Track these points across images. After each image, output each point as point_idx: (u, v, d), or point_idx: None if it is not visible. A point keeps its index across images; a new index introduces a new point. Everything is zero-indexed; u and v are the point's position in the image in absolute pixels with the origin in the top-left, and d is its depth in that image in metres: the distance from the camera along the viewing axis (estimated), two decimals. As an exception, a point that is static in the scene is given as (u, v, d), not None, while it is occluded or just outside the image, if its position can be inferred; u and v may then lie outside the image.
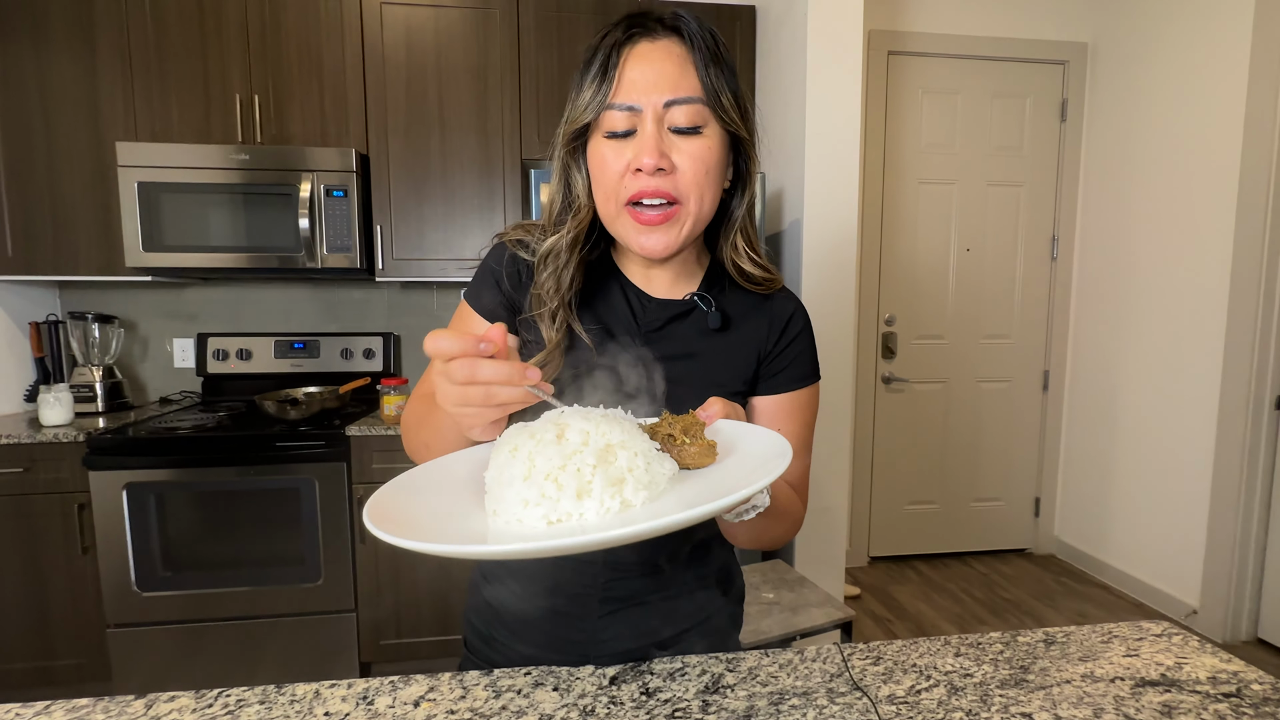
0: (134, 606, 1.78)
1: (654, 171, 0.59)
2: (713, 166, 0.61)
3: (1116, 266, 2.63)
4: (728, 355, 0.69)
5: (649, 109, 0.58)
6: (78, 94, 1.92)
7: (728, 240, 0.69)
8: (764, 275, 0.69)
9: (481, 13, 2.07)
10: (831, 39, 1.88)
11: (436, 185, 2.11)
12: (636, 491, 0.44)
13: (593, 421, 0.46)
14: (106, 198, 1.94)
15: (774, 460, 0.44)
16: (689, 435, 0.49)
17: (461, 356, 0.45)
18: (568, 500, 0.43)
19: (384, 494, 0.45)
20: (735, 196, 0.67)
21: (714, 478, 0.48)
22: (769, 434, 0.50)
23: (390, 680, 0.60)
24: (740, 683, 0.59)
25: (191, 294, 2.32)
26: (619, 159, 0.60)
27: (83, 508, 1.76)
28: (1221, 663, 0.62)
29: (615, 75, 0.59)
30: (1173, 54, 2.38)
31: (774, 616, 1.45)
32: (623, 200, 0.61)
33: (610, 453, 0.45)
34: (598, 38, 0.62)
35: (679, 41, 0.60)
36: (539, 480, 0.43)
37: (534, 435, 0.46)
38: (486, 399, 0.46)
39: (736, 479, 0.45)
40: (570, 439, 0.45)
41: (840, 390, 2.00)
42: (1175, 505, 2.39)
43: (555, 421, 0.47)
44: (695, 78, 0.59)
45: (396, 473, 0.50)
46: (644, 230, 0.61)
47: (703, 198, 0.61)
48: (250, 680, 1.83)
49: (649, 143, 0.58)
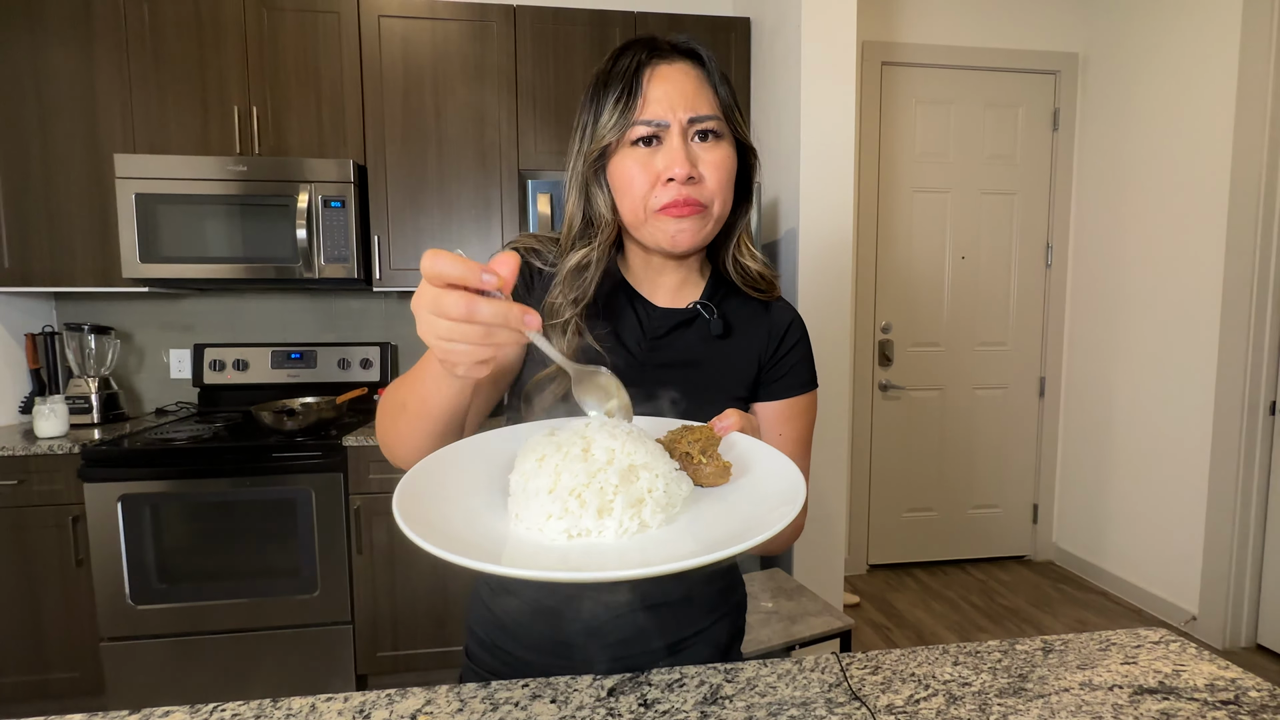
0: (128, 619, 1.77)
1: (685, 180, 0.62)
2: (731, 173, 0.66)
3: (1110, 273, 2.65)
4: (730, 362, 0.72)
5: (675, 124, 0.63)
6: (75, 105, 1.93)
7: (731, 244, 0.72)
8: (767, 274, 0.74)
9: (479, 25, 2.09)
10: (825, 50, 1.90)
11: (434, 196, 2.11)
12: (654, 514, 0.46)
13: (619, 439, 0.48)
14: (104, 209, 1.95)
15: (786, 505, 0.45)
16: (706, 454, 0.51)
17: (461, 286, 0.41)
18: (589, 518, 0.44)
19: (411, 485, 0.45)
20: (740, 205, 0.72)
21: (728, 504, 0.49)
22: (783, 462, 0.52)
23: (387, 693, 0.59)
24: (739, 693, 0.59)
25: (188, 305, 2.31)
26: (647, 171, 0.63)
27: (77, 520, 1.75)
28: (1219, 670, 0.62)
29: (640, 95, 0.63)
30: (1163, 64, 2.41)
31: (773, 625, 1.45)
32: (653, 209, 0.64)
33: (633, 473, 0.47)
34: (608, 62, 0.65)
35: (693, 63, 0.65)
36: (563, 495, 0.45)
37: (560, 448, 0.47)
38: (482, 338, 0.42)
39: (749, 512, 0.46)
40: (596, 456, 0.47)
41: (838, 398, 2.01)
42: (1172, 511, 2.40)
43: (582, 435, 0.48)
44: (713, 94, 0.65)
45: (393, 484, 0.49)
46: (675, 221, 0.64)
47: (726, 202, 0.67)
48: (245, 694, 1.81)
49: (678, 154, 0.62)
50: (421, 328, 0.43)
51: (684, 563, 0.38)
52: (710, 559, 0.39)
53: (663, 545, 0.44)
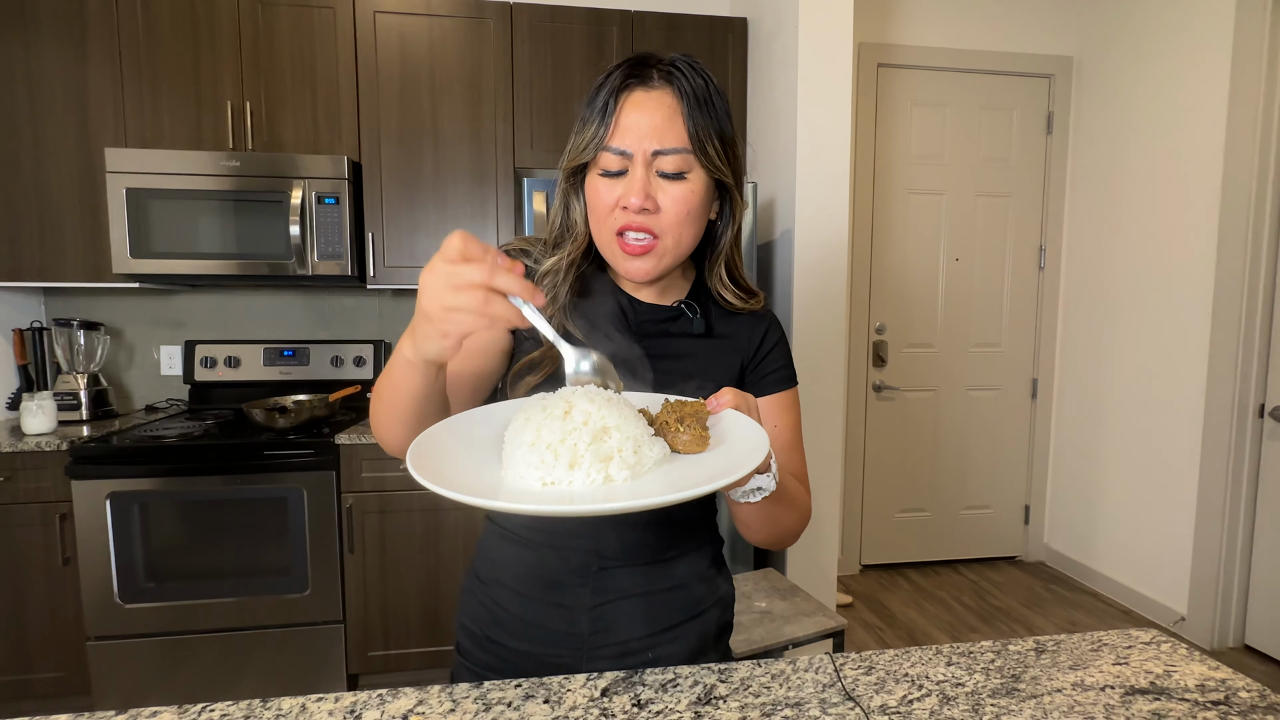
0: (116, 618, 1.75)
1: (639, 210, 0.65)
2: (694, 208, 0.67)
3: (1103, 276, 2.67)
4: (714, 359, 0.75)
5: (639, 154, 0.65)
6: (67, 98, 1.91)
7: (713, 268, 0.75)
8: (743, 305, 0.76)
9: (475, 22, 2.08)
10: (822, 51, 1.90)
11: (429, 193, 2.10)
12: (620, 470, 0.51)
13: (596, 404, 0.53)
14: (94, 203, 1.93)
15: (753, 453, 0.50)
16: (684, 424, 0.55)
17: (481, 262, 0.47)
18: (560, 469, 0.50)
19: (422, 443, 0.52)
20: (720, 228, 0.74)
21: (699, 463, 0.54)
22: (755, 428, 0.55)
23: (379, 693, 0.59)
24: (732, 694, 0.59)
25: (180, 301, 2.29)
26: (610, 194, 0.66)
27: (64, 518, 1.73)
28: (1210, 670, 0.63)
29: (612, 120, 0.65)
30: (1155, 67, 2.43)
31: (766, 626, 1.45)
32: (612, 230, 0.67)
33: (605, 434, 0.52)
34: (601, 78, 0.68)
35: (671, 92, 0.66)
36: (540, 448, 0.51)
37: (545, 409, 0.53)
38: (482, 306, 0.47)
39: (717, 468, 0.51)
40: (574, 417, 0.52)
41: (832, 399, 2.01)
42: (1162, 512, 2.41)
43: (565, 399, 0.54)
44: (683, 127, 0.65)
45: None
46: (629, 258, 0.68)
47: (681, 236, 0.68)
48: (235, 694, 1.80)
49: (637, 185, 0.65)
50: (427, 296, 0.48)
51: (647, 500, 0.44)
52: (668, 499, 0.45)
53: (625, 492, 0.49)
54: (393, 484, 1.86)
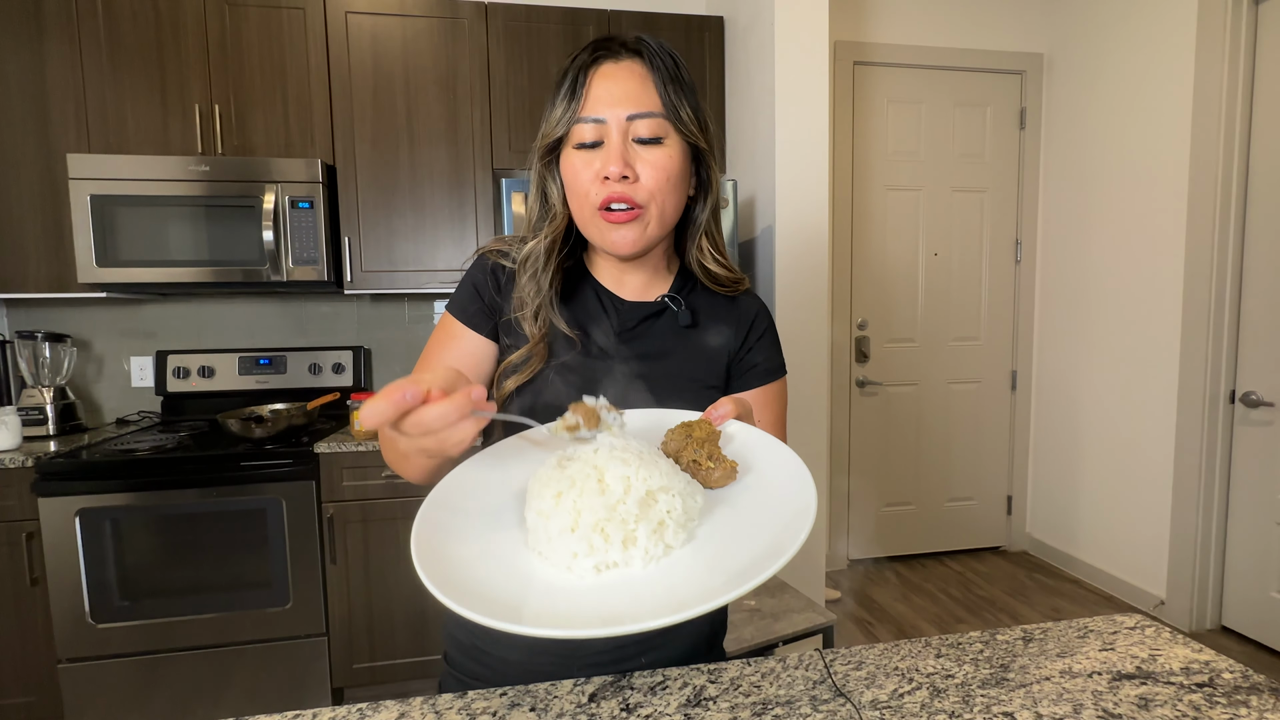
0: (88, 639, 1.69)
1: (619, 179, 0.64)
2: (674, 174, 0.66)
3: (1077, 268, 2.72)
4: (701, 353, 0.74)
5: (614, 122, 0.64)
6: (25, 102, 1.85)
7: (693, 244, 0.74)
8: (729, 275, 0.75)
9: (450, 22, 2.06)
10: (798, 49, 1.91)
11: (406, 196, 2.07)
12: (676, 534, 0.47)
13: (631, 465, 0.49)
14: (57, 211, 1.87)
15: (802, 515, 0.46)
16: (712, 459, 0.53)
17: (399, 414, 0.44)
18: (615, 550, 0.46)
19: (425, 530, 0.47)
20: (699, 203, 0.73)
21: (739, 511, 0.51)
22: (777, 447, 0.54)
23: (359, 707, 0.57)
24: (722, 694, 0.58)
25: (149, 310, 2.23)
26: (588, 168, 0.65)
27: (31, 536, 1.67)
28: (1193, 653, 0.63)
29: (583, 93, 0.64)
30: (1123, 63, 2.48)
31: (756, 624, 1.45)
32: (594, 205, 0.66)
33: (650, 498, 0.48)
34: (567, 61, 0.67)
35: (640, 62, 0.65)
36: (586, 532, 0.46)
37: (575, 483, 0.48)
38: (440, 444, 0.45)
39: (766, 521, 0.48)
40: (612, 486, 0.48)
41: (816, 395, 2.02)
42: (1140, 499, 2.46)
43: (594, 465, 0.49)
44: (655, 94, 0.65)
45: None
46: (613, 228, 0.66)
47: (664, 202, 0.67)
48: (215, 713, 1.75)
49: (614, 153, 0.63)
50: (403, 446, 0.47)
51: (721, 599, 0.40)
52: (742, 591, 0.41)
53: (691, 573, 0.44)
54: (375, 492, 1.82)
